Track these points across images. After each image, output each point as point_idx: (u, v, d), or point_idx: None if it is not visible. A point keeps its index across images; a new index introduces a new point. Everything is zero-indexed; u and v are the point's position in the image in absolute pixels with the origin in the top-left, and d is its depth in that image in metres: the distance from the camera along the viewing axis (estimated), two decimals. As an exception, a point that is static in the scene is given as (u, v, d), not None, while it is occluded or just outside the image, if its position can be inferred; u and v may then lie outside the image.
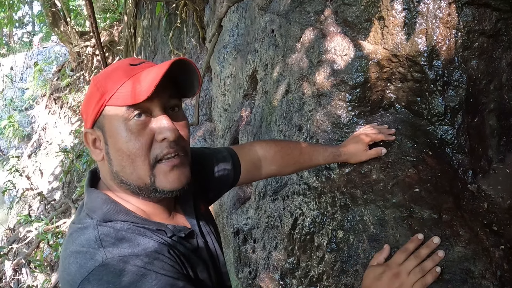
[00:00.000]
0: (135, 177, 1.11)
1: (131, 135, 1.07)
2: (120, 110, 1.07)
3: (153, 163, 1.10)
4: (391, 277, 1.30)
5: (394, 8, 1.73)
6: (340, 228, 1.64)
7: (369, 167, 1.70)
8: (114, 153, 1.10)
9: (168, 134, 1.08)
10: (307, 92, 2.01)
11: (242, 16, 3.14)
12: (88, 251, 1.02)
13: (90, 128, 1.14)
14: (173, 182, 1.12)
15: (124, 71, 1.09)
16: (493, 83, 1.78)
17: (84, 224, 1.10)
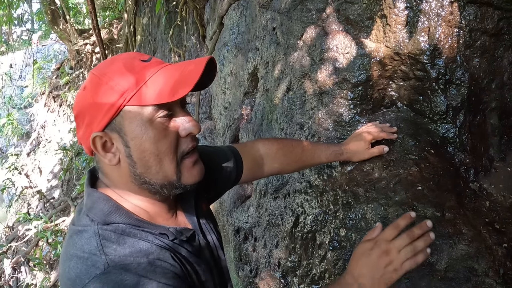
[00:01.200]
0: (160, 176, 1.09)
1: (159, 134, 1.05)
2: (146, 109, 1.03)
3: (179, 159, 1.10)
4: (380, 254, 1.23)
5: (397, 6, 1.73)
6: (342, 226, 1.63)
7: (371, 165, 1.69)
8: (138, 155, 1.07)
9: (193, 129, 1.09)
10: (308, 90, 2.00)
11: (242, 14, 3.13)
12: (90, 258, 1.00)
13: (101, 131, 1.06)
14: (196, 176, 1.14)
15: (140, 68, 1.05)
16: (494, 82, 1.78)
17: (85, 227, 1.07)
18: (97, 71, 1.07)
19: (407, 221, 1.28)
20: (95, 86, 1.06)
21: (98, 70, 1.07)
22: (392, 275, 1.21)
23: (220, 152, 1.55)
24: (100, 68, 1.08)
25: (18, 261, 7.64)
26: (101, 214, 1.08)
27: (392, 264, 1.21)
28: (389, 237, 1.25)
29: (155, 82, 1.03)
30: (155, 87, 1.02)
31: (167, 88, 1.02)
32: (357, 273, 1.23)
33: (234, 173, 1.54)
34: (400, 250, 1.21)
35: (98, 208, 1.09)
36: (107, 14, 10.41)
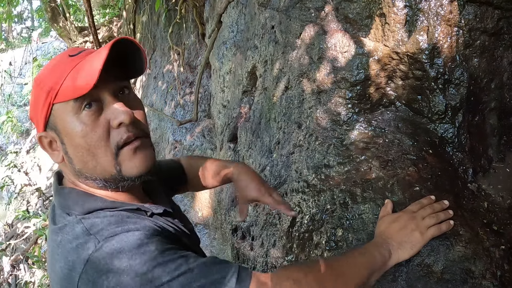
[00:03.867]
0: (99, 170, 1.08)
1: (85, 127, 1.04)
2: (68, 105, 1.03)
3: (116, 151, 1.07)
4: (407, 219, 1.35)
5: (396, 5, 1.71)
6: (339, 226, 1.63)
7: (368, 165, 1.69)
8: (72, 151, 1.07)
9: (123, 118, 1.05)
10: (307, 89, 1.99)
11: (241, 12, 3.12)
12: (78, 245, 0.99)
13: (43, 131, 1.10)
14: (140, 166, 1.10)
15: (64, 64, 1.05)
16: (494, 82, 1.77)
17: (66, 224, 1.06)
18: (37, 75, 1.10)
19: (429, 201, 1.45)
20: (33, 89, 1.09)
21: (38, 74, 1.10)
22: (418, 238, 1.32)
23: (169, 163, 1.65)
24: (39, 72, 1.10)
25: (17, 258, 7.64)
26: (77, 206, 1.08)
27: (418, 228, 1.33)
28: (414, 209, 1.40)
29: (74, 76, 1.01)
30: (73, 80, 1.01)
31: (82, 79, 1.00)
32: (386, 235, 1.33)
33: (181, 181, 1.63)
34: (425, 217, 1.36)
35: (72, 202, 1.09)
36: (107, 11, 10.39)
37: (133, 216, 1.09)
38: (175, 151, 4.69)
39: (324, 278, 1.10)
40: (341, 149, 1.80)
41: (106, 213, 1.07)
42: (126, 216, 1.07)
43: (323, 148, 1.86)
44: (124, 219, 1.05)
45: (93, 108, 1.04)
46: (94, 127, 1.05)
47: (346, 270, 1.16)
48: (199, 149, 4.25)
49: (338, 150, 1.81)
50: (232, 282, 0.98)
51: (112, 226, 1.01)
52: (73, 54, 1.07)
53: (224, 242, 3.36)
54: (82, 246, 0.98)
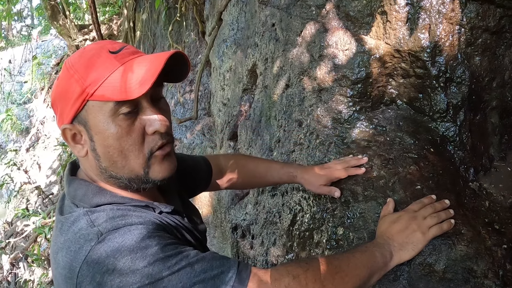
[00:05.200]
0: (127, 171, 1.09)
1: (121, 131, 1.03)
2: (108, 105, 1.02)
3: (148, 155, 1.08)
4: (408, 219, 1.34)
5: (397, 3, 1.71)
6: (340, 225, 1.62)
7: (370, 164, 1.68)
8: (102, 149, 1.06)
9: (158, 126, 1.06)
10: (307, 87, 1.99)
11: (242, 10, 3.12)
12: (81, 236, 0.99)
13: (69, 123, 1.08)
14: (165, 171, 1.12)
15: (106, 61, 1.03)
16: (495, 81, 1.77)
17: (72, 215, 1.07)
18: (68, 62, 1.06)
19: (430, 200, 1.44)
20: (64, 77, 1.05)
21: (69, 61, 1.06)
22: (419, 239, 1.31)
23: (194, 157, 1.65)
24: (71, 59, 1.07)
25: (17, 257, 7.65)
26: (86, 199, 1.08)
27: (419, 228, 1.32)
28: (415, 209, 1.39)
29: (117, 78, 1.00)
30: (116, 83, 1.00)
31: (128, 84, 0.99)
32: (387, 235, 1.32)
33: (204, 178, 1.62)
34: (426, 217, 1.35)
35: (81, 194, 1.10)
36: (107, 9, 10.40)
37: (139, 210, 1.10)
38: (175, 149, 4.69)
39: (324, 275, 1.10)
40: (342, 147, 1.80)
41: (113, 206, 1.07)
42: (133, 210, 1.08)
43: (324, 147, 1.85)
44: (129, 212, 1.06)
45: (131, 113, 1.04)
46: (129, 131, 1.05)
47: (345, 268, 1.16)
48: (199, 147, 4.25)
49: (339, 148, 1.80)
50: (232, 277, 0.99)
51: (116, 220, 1.02)
52: (114, 51, 1.05)
53: (224, 240, 3.36)
54: (85, 238, 0.98)
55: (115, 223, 1.00)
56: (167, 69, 1.04)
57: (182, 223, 1.21)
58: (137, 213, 1.08)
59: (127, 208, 1.08)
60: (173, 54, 1.04)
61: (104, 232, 0.98)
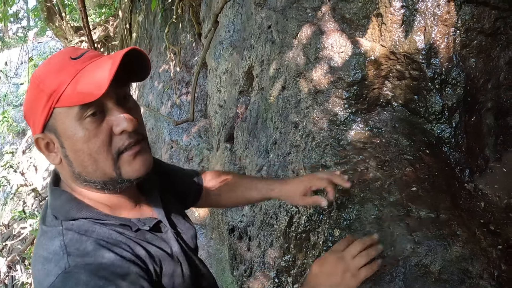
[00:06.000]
0: (99, 174, 1.09)
1: (88, 134, 1.04)
2: (72, 110, 1.02)
3: (116, 156, 1.08)
4: (335, 261, 1.25)
5: (393, 5, 1.72)
6: (336, 226, 1.63)
7: (365, 166, 1.69)
8: (73, 155, 1.07)
9: (125, 125, 1.06)
10: (303, 89, 1.99)
11: (238, 12, 3.12)
12: (53, 258, 1.01)
13: (41, 132, 1.08)
14: (139, 170, 1.11)
15: (67, 67, 1.04)
16: (491, 82, 1.78)
17: (51, 228, 1.09)
18: (35, 73, 1.08)
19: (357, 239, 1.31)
20: (32, 88, 1.07)
21: (36, 72, 1.08)
22: (350, 283, 1.22)
23: (184, 169, 1.64)
24: (37, 69, 1.08)
25: (14, 259, 7.62)
26: (64, 211, 1.09)
27: (349, 270, 1.22)
28: (341, 248, 1.28)
29: (80, 81, 1.01)
30: (78, 86, 1.01)
31: (87, 88, 1.00)
32: (317, 281, 1.25)
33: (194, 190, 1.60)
34: (354, 256, 1.24)
35: (59, 205, 1.11)
36: (103, 11, 10.37)
37: (113, 240, 1.09)
38: (172, 151, 4.69)
39: None
40: (338, 149, 1.80)
41: (87, 225, 1.09)
42: (106, 239, 1.08)
43: (320, 148, 1.86)
44: (102, 245, 1.05)
45: (97, 115, 1.05)
46: (96, 133, 1.05)
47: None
48: (195, 149, 4.25)
49: (335, 150, 1.81)
50: None
51: (88, 247, 1.03)
52: (75, 57, 1.06)
53: (221, 242, 3.36)
54: (55, 263, 1.01)
55: (85, 258, 1.01)
56: (129, 68, 1.06)
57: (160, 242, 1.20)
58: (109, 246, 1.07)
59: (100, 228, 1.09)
60: (131, 52, 1.04)
61: (72, 264, 0.99)
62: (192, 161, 4.33)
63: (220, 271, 3.53)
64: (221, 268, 3.53)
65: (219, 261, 3.62)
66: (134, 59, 1.08)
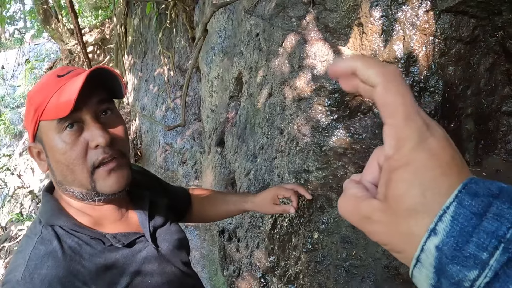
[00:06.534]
0: (77, 184, 1.16)
1: (65, 146, 1.12)
2: (52, 123, 1.11)
3: (92, 169, 1.14)
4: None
5: (373, 15, 1.76)
6: (315, 229, 1.67)
7: (345, 171, 1.73)
8: (54, 164, 1.16)
9: (99, 140, 1.12)
10: (288, 96, 2.04)
11: (229, 18, 3.16)
12: (19, 263, 1.08)
13: (32, 142, 1.19)
14: (113, 185, 1.16)
15: (52, 84, 1.13)
16: (470, 89, 1.81)
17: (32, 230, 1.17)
18: (29, 91, 1.19)
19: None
20: (26, 103, 1.18)
21: (30, 90, 1.19)
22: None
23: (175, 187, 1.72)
24: (32, 88, 1.20)
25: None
26: (46, 216, 1.17)
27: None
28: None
29: (58, 97, 1.10)
30: (56, 102, 1.09)
31: (62, 102, 1.08)
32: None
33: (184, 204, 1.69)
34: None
35: (44, 211, 1.19)
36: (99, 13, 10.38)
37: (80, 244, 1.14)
38: (166, 153, 4.72)
39: None
40: (320, 155, 1.85)
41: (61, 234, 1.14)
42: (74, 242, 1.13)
43: (303, 154, 1.90)
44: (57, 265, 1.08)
45: (74, 128, 1.12)
46: (73, 146, 1.13)
47: None
48: (189, 152, 4.29)
49: (317, 156, 1.85)
50: None
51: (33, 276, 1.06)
52: (61, 75, 1.15)
53: (213, 243, 3.41)
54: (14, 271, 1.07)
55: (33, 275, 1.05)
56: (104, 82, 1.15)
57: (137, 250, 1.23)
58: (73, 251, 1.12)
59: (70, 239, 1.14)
60: (104, 71, 1.12)
61: (21, 279, 1.04)
62: (186, 164, 4.37)
63: (213, 272, 3.57)
64: (214, 269, 3.58)
65: (212, 262, 3.67)
66: (109, 78, 1.15)
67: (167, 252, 1.32)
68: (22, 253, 1.11)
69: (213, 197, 1.77)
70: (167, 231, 1.37)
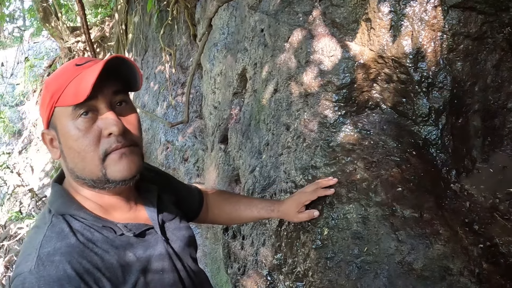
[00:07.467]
0: (88, 172, 1.15)
1: (79, 133, 1.12)
2: (68, 110, 1.12)
3: (103, 157, 1.14)
4: None
5: (381, 10, 1.75)
6: (325, 225, 1.66)
7: (353, 167, 1.72)
8: (67, 151, 1.16)
9: (113, 129, 1.12)
10: (294, 92, 2.03)
11: (232, 15, 3.15)
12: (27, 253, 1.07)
13: (46, 128, 1.20)
14: (123, 170, 1.16)
15: (70, 72, 1.14)
16: (477, 85, 1.81)
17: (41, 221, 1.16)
18: (48, 77, 1.21)
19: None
20: (43, 90, 1.19)
21: (49, 76, 1.21)
22: None
23: (188, 185, 1.71)
24: (51, 75, 1.21)
25: (11, 260, 7.61)
26: (56, 205, 1.17)
27: None
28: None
29: (75, 84, 1.10)
30: (73, 88, 1.10)
31: (79, 89, 1.08)
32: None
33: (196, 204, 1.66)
34: None
35: (53, 200, 1.19)
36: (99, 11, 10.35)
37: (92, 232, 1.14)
38: (167, 151, 4.71)
39: None
40: (327, 150, 1.84)
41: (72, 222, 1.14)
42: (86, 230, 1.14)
43: (311, 150, 1.89)
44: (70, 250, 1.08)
45: (89, 116, 1.13)
46: (86, 133, 1.13)
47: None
48: (190, 150, 4.28)
49: (324, 151, 1.84)
50: None
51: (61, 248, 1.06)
52: (80, 64, 1.16)
53: (216, 241, 3.39)
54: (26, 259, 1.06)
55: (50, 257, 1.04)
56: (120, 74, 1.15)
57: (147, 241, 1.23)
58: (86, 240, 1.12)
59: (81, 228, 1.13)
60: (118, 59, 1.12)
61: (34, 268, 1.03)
62: (188, 162, 4.36)
63: (216, 270, 3.56)
64: (216, 267, 3.57)
65: (214, 260, 3.66)
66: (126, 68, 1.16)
67: (179, 249, 1.32)
68: (32, 242, 1.09)
69: (235, 201, 1.75)
70: (176, 226, 1.36)
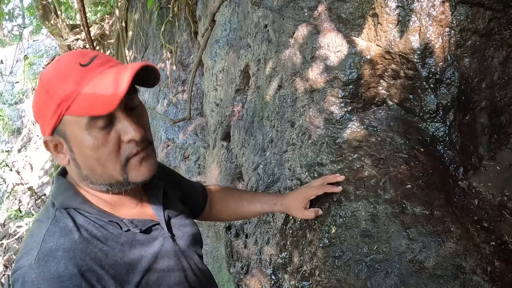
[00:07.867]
0: (107, 177, 1.12)
1: (97, 142, 1.06)
2: (82, 120, 1.04)
3: (124, 162, 1.11)
4: None
5: (388, 6, 1.73)
6: (332, 223, 1.65)
7: (361, 164, 1.71)
8: (81, 159, 1.10)
9: (133, 135, 1.08)
10: (299, 88, 2.01)
11: (235, 11, 3.13)
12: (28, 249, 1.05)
13: (50, 135, 1.11)
14: (144, 174, 1.15)
15: (77, 75, 1.04)
16: (485, 82, 1.80)
17: (44, 215, 1.13)
18: (43, 75, 1.09)
19: None
20: (40, 92, 1.08)
21: (43, 74, 1.09)
22: None
23: (192, 181, 1.69)
24: (45, 72, 1.09)
25: (10, 258, 7.61)
26: (61, 199, 1.13)
27: None
28: None
29: (87, 93, 1.02)
30: (88, 98, 1.02)
31: (99, 100, 1.01)
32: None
33: (201, 200, 1.65)
34: None
35: (57, 193, 1.15)
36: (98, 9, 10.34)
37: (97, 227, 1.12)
38: (168, 149, 4.69)
39: None
40: (334, 147, 1.82)
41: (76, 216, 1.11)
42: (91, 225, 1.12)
43: (316, 147, 1.87)
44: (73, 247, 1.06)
45: (105, 124, 1.07)
46: (105, 141, 1.07)
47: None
48: (191, 147, 4.26)
49: (331, 148, 1.82)
50: None
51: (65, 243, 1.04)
52: (85, 64, 1.06)
53: (218, 240, 3.37)
54: (27, 253, 1.04)
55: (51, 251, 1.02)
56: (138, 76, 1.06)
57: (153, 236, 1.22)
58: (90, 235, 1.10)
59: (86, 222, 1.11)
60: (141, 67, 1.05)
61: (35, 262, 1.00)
62: (189, 160, 4.34)
63: (217, 269, 3.54)
64: (217, 266, 3.55)
65: (216, 259, 3.64)
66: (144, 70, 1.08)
67: (185, 247, 1.30)
68: (34, 237, 1.07)
69: (238, 197, 1.73)
70: (182, 223, 1.34)
